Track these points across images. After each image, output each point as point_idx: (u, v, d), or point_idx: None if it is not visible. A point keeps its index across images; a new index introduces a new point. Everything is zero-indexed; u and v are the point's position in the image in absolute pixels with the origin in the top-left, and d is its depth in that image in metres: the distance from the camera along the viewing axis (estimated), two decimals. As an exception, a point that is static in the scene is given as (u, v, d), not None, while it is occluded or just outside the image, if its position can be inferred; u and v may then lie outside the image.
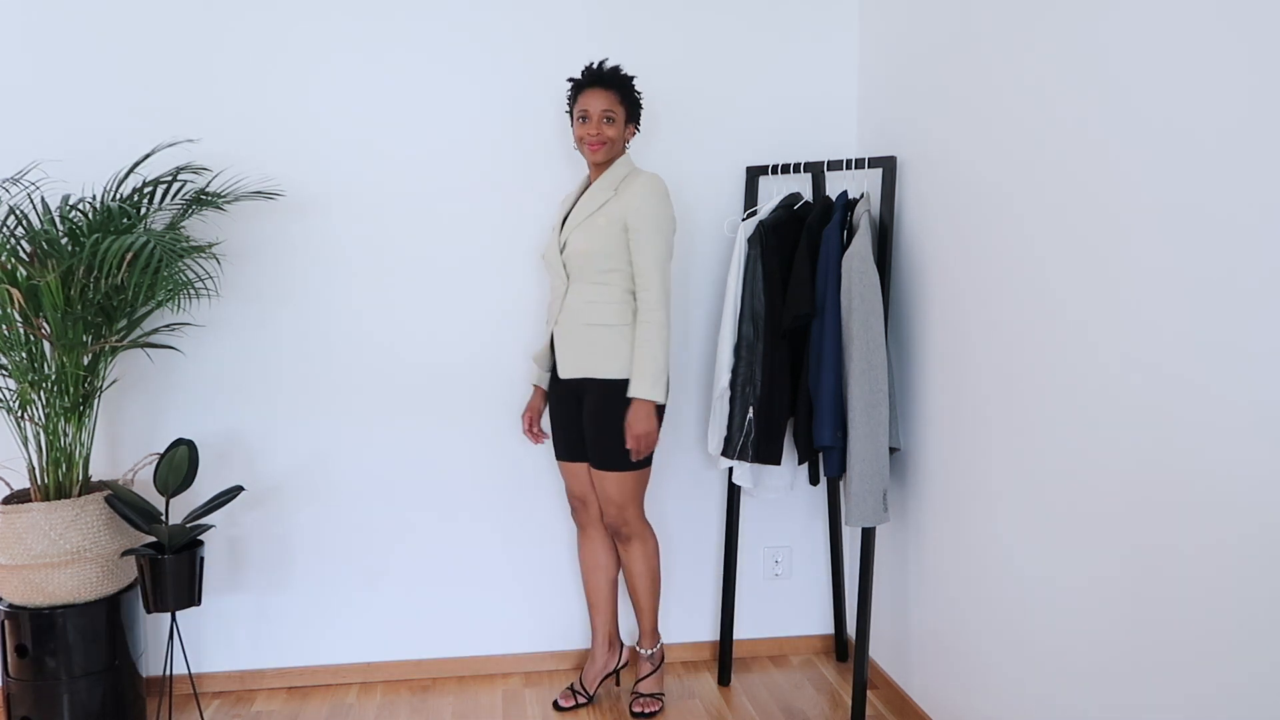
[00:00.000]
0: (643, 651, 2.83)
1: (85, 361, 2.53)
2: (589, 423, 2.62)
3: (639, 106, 2.65)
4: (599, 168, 2.63)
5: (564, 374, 2.62)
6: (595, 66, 2.61)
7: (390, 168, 2.90)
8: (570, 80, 2.66)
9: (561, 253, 2.62)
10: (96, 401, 2.61)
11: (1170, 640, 1.70)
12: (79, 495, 2.54)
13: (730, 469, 2.93)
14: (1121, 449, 1.81)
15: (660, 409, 2.58)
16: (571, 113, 2.63)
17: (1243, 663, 1.55)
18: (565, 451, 2.75)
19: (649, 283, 2.54)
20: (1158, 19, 1.68)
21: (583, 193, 2.67)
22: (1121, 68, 1.78)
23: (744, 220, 2.86)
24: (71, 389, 2.51)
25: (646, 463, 2.66)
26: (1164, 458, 1.70)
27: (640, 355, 2.53)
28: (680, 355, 3.08)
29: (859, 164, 2.76)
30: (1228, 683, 1.58)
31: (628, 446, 2.56)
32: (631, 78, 2.63)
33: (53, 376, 2.51)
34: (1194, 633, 1.65)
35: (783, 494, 3.13)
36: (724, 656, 3.02)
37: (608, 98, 2.55)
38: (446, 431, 2.99)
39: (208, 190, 2.68)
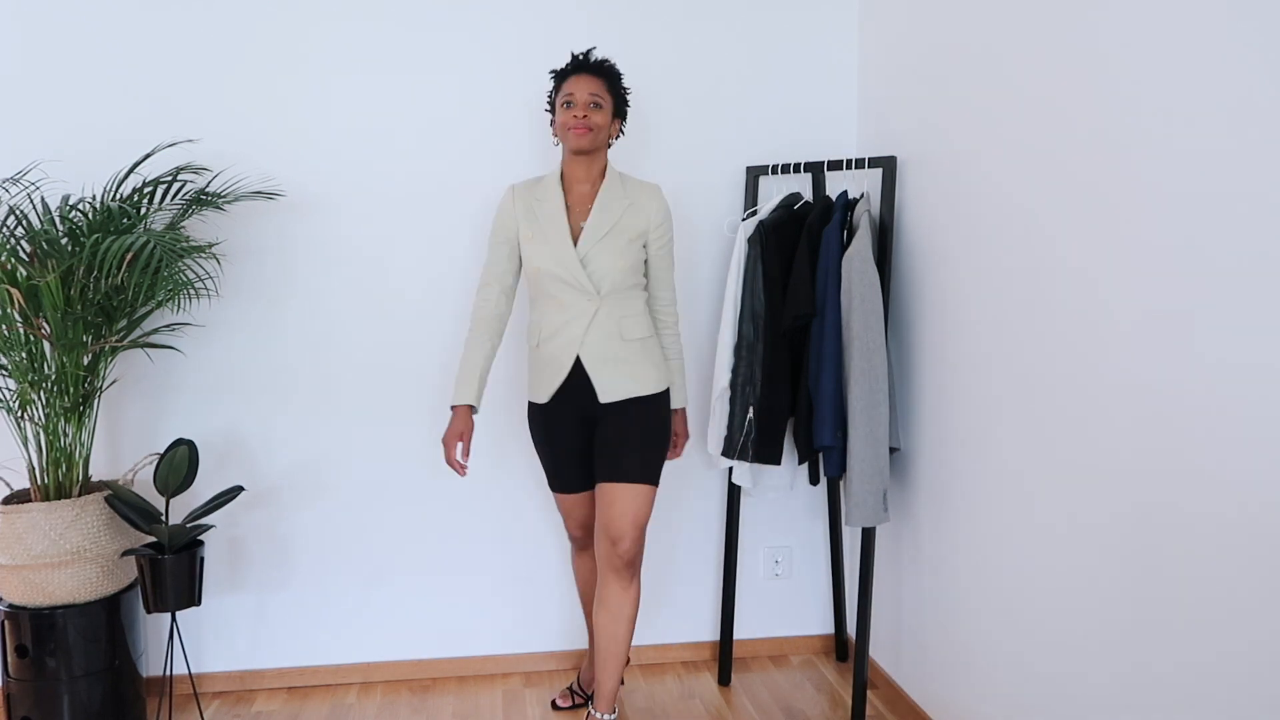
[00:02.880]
0: (602, 717, 2.53)
1: (85, 361, 2.53)
2: (626, 436, 2.45)
3: (626, 103, 2.51)
4: (580, 162, 2.46)
5: (607, 398, 2.44)
6: (582, 54, 2.48)
7: (391, 167, 2.90)
8: (553, 72, 2.51)
9: (585, 268, 2.42)
10: (96, 401, 2.61)
11: (1171, 642, 1.70)
12: (79, 495, 2.54)
13: (730, 469, 2.93)
14: (1125, 449, 1.81)
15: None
16: (554, 104, 2.48)
17: (1245, 663, 1.55)
18: (577, 482, 2.57)
19: (674, 294, 2.61)
20: (1157, 11, 1.68)
21: (566, 195, 2.49)
22: (1123, 62, 1.78)
23: (744, 220, 2.86)
24: (71, 389, 2.51)
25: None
26: (1169, 460, 1.70)
27: (679, 366, 2.63)
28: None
29: (859, 164, 2.76)
30: (1230, 681, 1.58)
31: (677, 455, 2.69)
32: (619, 73, 2.50)
33: (53, 376, 2.51)
34: (1196, 635, 1.65)
35: (783, 494, 3.14)
36: (724, 656, 3.02)
37: (595, 83, 2.42)
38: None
39: (208, 190, 2.68)
